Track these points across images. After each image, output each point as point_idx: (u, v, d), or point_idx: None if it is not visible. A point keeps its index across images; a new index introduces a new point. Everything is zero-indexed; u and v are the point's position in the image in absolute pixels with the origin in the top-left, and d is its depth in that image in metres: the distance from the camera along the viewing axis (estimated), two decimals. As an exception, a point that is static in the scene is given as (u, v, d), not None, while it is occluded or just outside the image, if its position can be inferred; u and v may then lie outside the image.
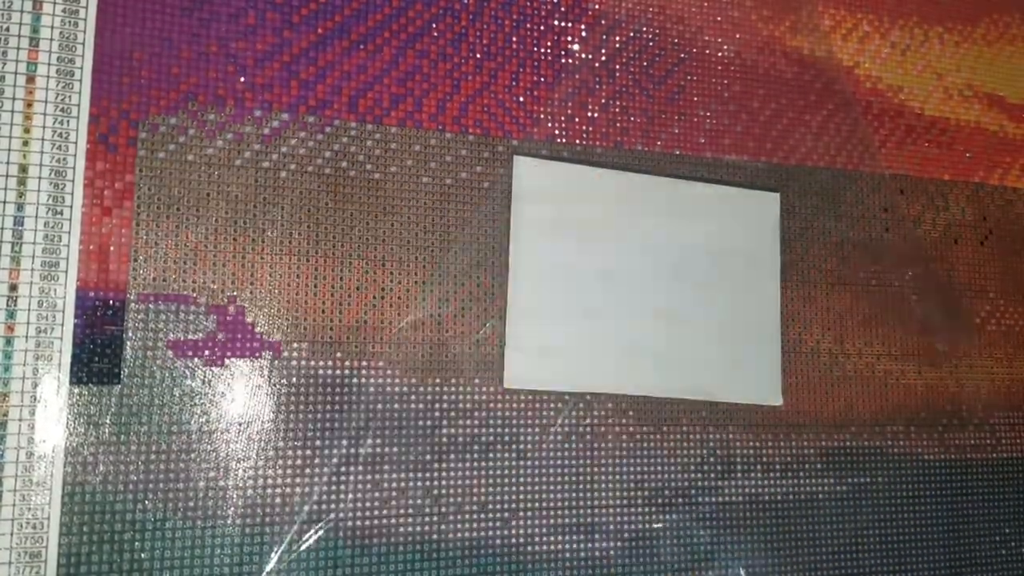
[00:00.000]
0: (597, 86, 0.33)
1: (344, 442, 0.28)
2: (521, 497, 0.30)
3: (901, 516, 0.35)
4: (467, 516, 0.29)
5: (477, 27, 0.32)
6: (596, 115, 0.33)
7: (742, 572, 0.32)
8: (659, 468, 0.32)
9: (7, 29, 0.27)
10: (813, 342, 0.35)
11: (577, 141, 0.33)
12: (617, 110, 0.33)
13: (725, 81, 0.35)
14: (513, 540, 0.30)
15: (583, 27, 0.33)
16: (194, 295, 0.28)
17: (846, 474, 0.35)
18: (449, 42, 0.31)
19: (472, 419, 0.30)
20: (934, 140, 0.39)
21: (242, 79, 0.29)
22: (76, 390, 0.26)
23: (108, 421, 0.26)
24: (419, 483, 0.29)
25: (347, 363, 0.29)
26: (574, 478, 0.31)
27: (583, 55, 0.33)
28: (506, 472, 0.30)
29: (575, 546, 0.31)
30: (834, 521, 0.34)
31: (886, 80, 0.38)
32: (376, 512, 0.28)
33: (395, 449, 0.29)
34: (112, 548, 0.26)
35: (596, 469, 0.31)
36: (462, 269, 0.31)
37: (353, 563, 0.28)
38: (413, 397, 0.30)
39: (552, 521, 0.30)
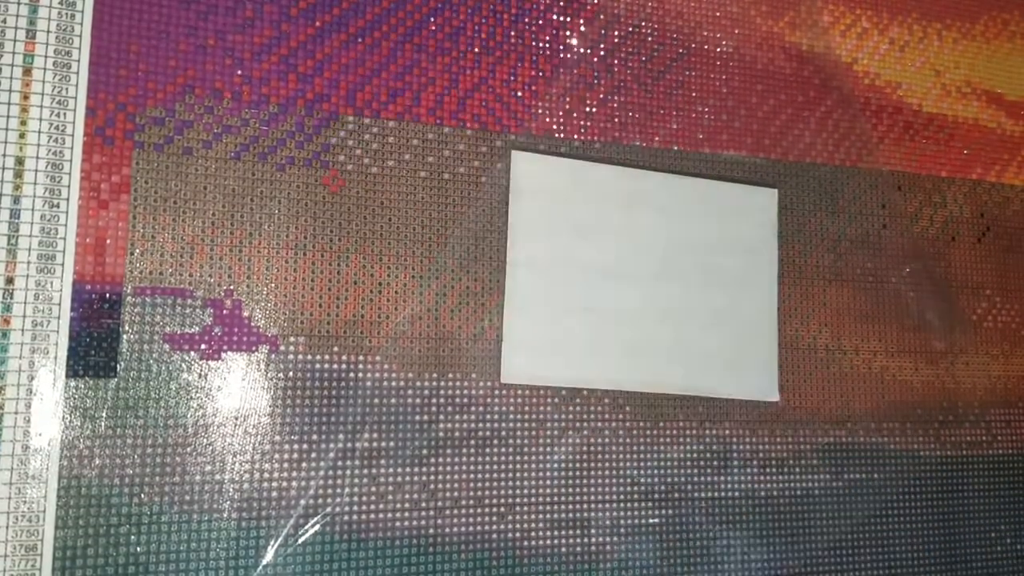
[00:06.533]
0: (595, 81, 0.33)
1: (341, 436, 0.28)
2: (518, 492, 0.30)
3: (897, 512, 0.35)
4: (464, 510, 0.29)
5: (475, 21, 0.32)
6: (594, 110, 0.33)
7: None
8: (656, 463, 0.32)
9: (4, 21, 0.26)
10: (810, 338, 0.35)
11: (575, 136, 0.33)
12: (615, 105, 0.33)
13: (724, 77, 0.35)
14: (510, 534, 0.30)
15: (581, 22, 0.33)
16: (191, 288, 0.28)
17: (842, 470, 0.35)
18: (447, 36, 0.31)
19: (469, 414, 0.30)
20: (932, 137, 0.39)
21: (239, 72, 0.29)
22: (72, 383, 0.26)
23: (104, 414, 0.26)
24: (416, 477, 0.29)
25: (344, 357, 0.29)
26: (570, 473, 0.31)
27: (581, 50, 0.33)
28: (503, 467, 0.30)
29: (571, 541, 0.31)
30: (830, 517, 0.34)
31: (885, 76, 0.38)
32: (373, 506, 0.28)
33: (392, 443, 0.29)
34: (108, 541, 0.26)
35: (593, 464, 0.31)
36: (459, 264, 0.31)
37: (350, 557, 0.28)
38: (410, 392, 0.29)
39: (548, 516, 0.30)
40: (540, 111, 0.32)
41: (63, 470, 0.26)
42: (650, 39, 0.34)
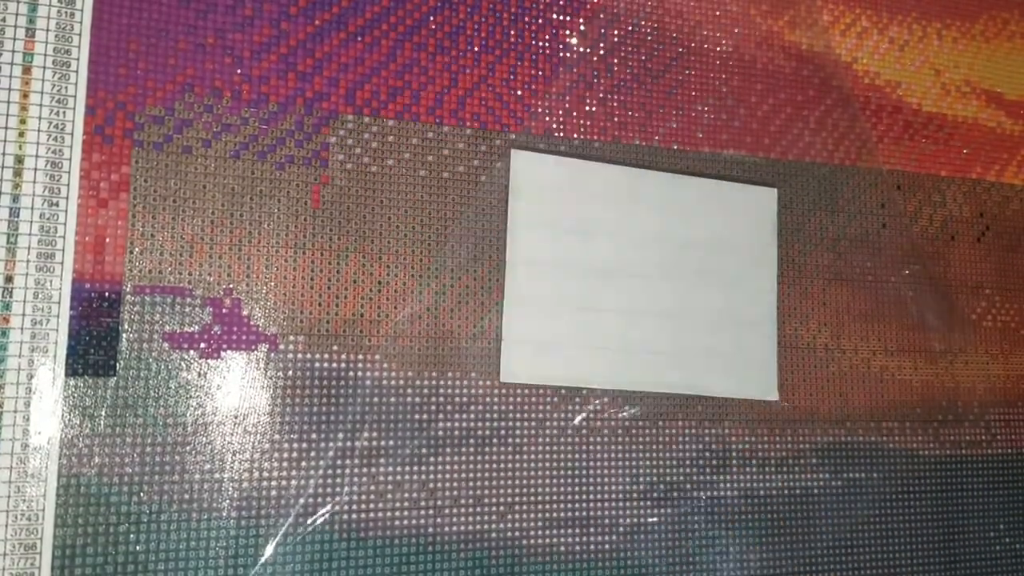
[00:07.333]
0: (595, 80, 0.33)
1: (340, 435, 0.28)
2: (517, 491, 0.30)
3: (896, 512, 0.35)
4: (463, 509, 0.29)
5: (475, 20, 0.32)
6: (594, 109, 0.33)
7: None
8: (655, 462, 0.32)
9: (3, 19, 0.26)
10: (809, 337, 0.35)
11: (575, 135, 0.33)
12: (615, 104, 0.33)
13: (723, 76, 0.35)
14: (509, 533, 0.30)
15: (581, 21, 0.33)
16: (190, 287, 0.28)
17: (841, 469, 0.35)
18: (447, 35, 0.31)
19: (468, 413, 0.30)
20: (932, 136, 0.39)
21: (239, 71, 0.29)
22: (72, 382, 0.26)
23: (103, 413, 0.26)
24: (415, 476, 0.29)
25: (343, 356, 0.29)
26: (570, 472, 0.31)
27: (581, 49, 0.33)
28: (502, 466, 0.30)
29: (570, 540, 0.31)
30: (829, 516, 0.34)
31: (884, 75, 0.38)
32: (372, 505, 0.28)
33: (391, 442, 0.29)
34: (107, 540, 0.26)
35: (592, 463, 0.31)
36: (459, 263, 0.31)
37: (349, 556, 0.28)
38: (409, 390, 0.29)
39: (548, 515, 0.30)
40: (540, 110, 0.32)
41: (62, 468, 0.26)
42: (650, 38, 0.34)
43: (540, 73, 0.33)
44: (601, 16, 0.34)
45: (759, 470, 0.33)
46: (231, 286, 0.28)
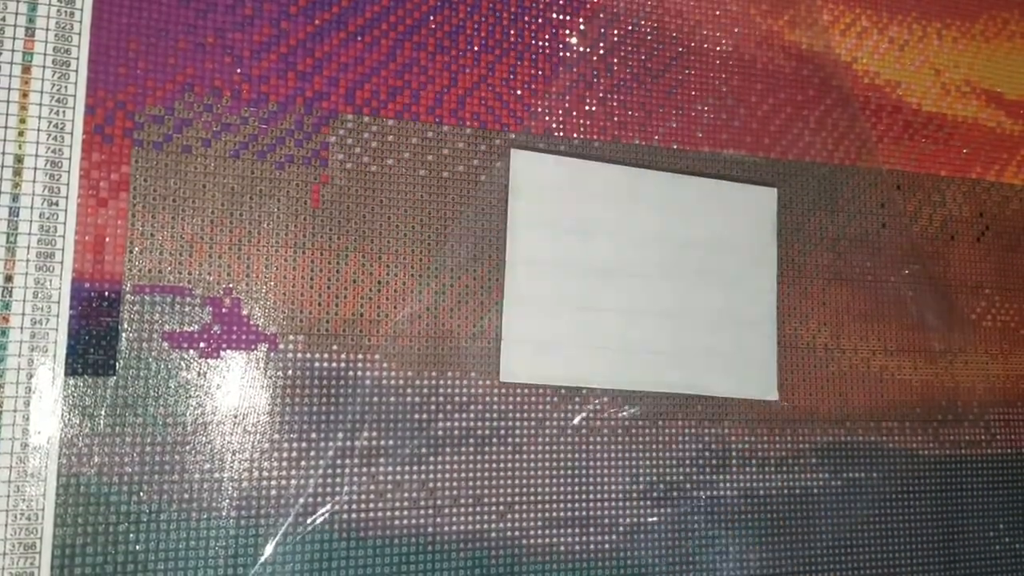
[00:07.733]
0: (595, 80, 0.33)
1: (340, 435, 0.28)
2: (517, 490, 0.30)
3: (896, 511, 0.35)
4: (463, 509, 0.29)
5: (475, 19, 0.32)
6: (594, 109, 0.33)
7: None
8: (655, 462, 0.32)
9: (3, 19, 0.26)
10: (809, 337, 0.35)
11: (575, 135, 0.33)
12: (615, 104, 0.33)
13: (723, 75, 0.35)
14: (508, 533, 0.30)
15: (581, 20, 0.33)
16: (190, 287, 0.28)
17: (841, 469, 0.35)
18: (447, 34, 0.31)
19: (468, 412, 0.30)
20: (931, 136, 0.39)
21: (239, 70, 0.29)
22: (71, 381, 0.26)
23: (103, 412, 0.26)
24: (415, 476, 0.29)
25: (343, 356, 0.29)
26: (569, 472, 0.31)
27: (581, 48, 0.33)
28: (502, 465, 0.30)
29: (570, 539, 0.31)
30: (829, 516, 0.34)
31: (884, 75, 0.38)
32: (372, 505, 0.28)
33: (391, 442, 0.29)
34: (107, 540, 0.26)
35: (591, 463, 0.31)
36: (459, 263, 0.31)
37: (349, 555, 0.28)
38: (409, 390, 0.29)
39: (547, 514, 0.30)
40: (539, 109, 0.32)
41: (62, 468, 0.26)
42: (649, 38, 0.34)
43: (540, 73, 0.33)
44: (601, 16, 0.34)
45: (759, 470, 0.33)
46: (231, 286, 0.28)
